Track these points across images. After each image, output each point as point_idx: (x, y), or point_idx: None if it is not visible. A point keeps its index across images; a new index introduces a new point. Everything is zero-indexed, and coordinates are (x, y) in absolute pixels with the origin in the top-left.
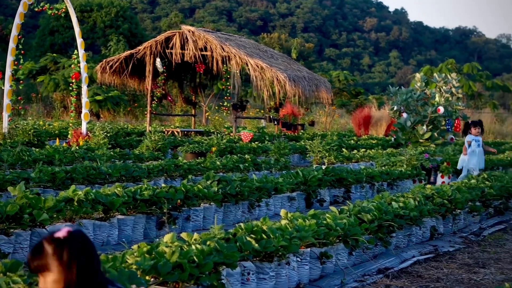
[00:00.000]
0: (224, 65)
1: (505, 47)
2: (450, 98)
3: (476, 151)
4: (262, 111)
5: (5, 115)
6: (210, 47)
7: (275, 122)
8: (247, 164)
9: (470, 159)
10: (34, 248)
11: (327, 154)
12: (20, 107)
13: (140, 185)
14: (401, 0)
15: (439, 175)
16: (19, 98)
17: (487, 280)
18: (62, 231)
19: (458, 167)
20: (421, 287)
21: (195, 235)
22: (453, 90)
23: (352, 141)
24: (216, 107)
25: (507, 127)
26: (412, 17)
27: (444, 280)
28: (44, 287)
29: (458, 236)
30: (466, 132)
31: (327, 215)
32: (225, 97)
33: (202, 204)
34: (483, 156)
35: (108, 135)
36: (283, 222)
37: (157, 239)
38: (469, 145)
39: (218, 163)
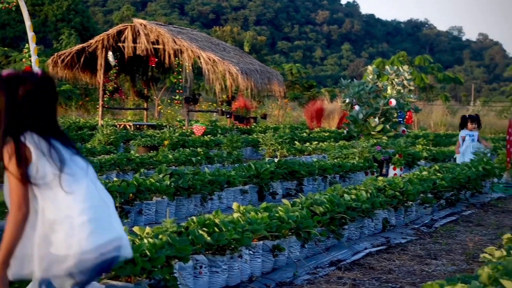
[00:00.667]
0: (176, 59)
1: (456, 39)
2: (402, 91)
3: (470, 147)
4: (215, 104)
5: None
6: (162, 41)
7: (228, 115)
8: (199, 158)
9: (466, 155)
10: None
11: (279, 147)
12: None
13: None
14: None
15: (391, 167)
16: None
17: (439, 271)
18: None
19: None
20: (373, 279)
21: (147, 229)
22: (405, 82)
23: (305, 134)
24: (169, 101)
25: (459, 119)
26: (364, 9)
27: (396, 272)
28: None
29: (410, 227)
30: (462, 126)
31: (279, 208)
32: (177, 91)
33: (154, 197)
34: (475, 147)
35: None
36: (236, 215)
37: None
38: (463, 141)
39: (170, 156)
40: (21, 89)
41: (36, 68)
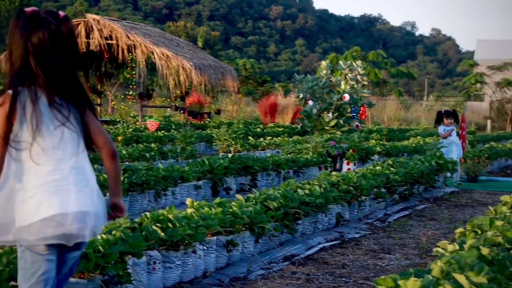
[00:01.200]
0: (130, 54)
1: (409, 34)
2: (355, 86)
3: (455, 142)
4: (168, 99)
5: None
6: (116, 36)
7: (182, 111)
8: (153, 153)
9: (452, 151)
10: None
11: (233, 142)
12: None
13: None
14: None
15: (345, 162)
16: None
17: (392, 265)
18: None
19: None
20: (327, 274)
21: None
22: (359, 77)
23: (259, 129)
24: (122, 96)
25: (412, 113)
26: (318, 5)
27: (350, 266)
28: None
29: (363, 222)
30: (438, 122)
31: (233, 203)
32: (131, 86)
33: (107, 193)
34: (459, 145)
35: None
36: (189, 210)
37: None
38: (445, 137)
39: (124, 152)
40: (40, 33)
41: None
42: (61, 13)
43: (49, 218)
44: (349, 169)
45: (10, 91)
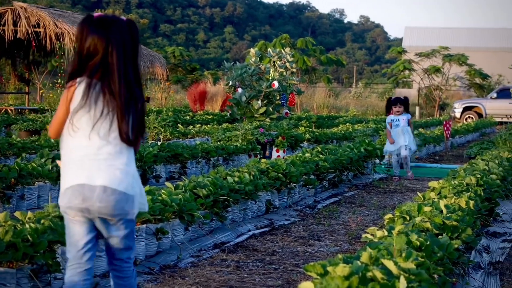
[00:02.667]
0: (58, 42)
1: (338, 21)
2: (284, 73)
3: (398, 134)
4: None
5: None
6: (43, 24)
7: None
8: None
9: (395, 140)
10: None
11: (162, 130)
12: None
13: None
14: None
15: (274, 149)
16: None
17: (322, 252)
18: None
19: (389, 149)
20: (257, 261)
21: (29, 214)
22: (288, 65)
23: (188, 117)
24: (51, 85)
25: (341, 101)
26: None
27: (280, 253)
28: None
29: (293, 209)
30: (388, 111)
31: (162, 191)
32: (60, 74)
33: (36, 182)
34: (410, 135)
35: None
36: None
37: None
38: (391, 127)
39: (52, 140)
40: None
41: None
42: (124, 18)
43: (75, 187)
44: (278, 156)
45: (79, 79)
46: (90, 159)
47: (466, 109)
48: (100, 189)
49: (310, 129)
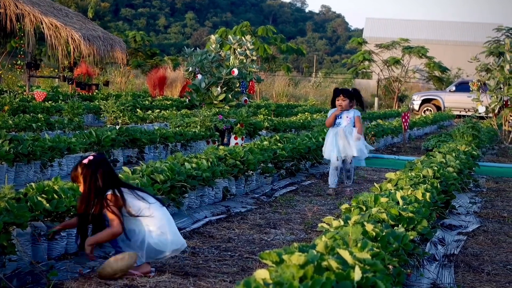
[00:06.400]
0: (18, 23)
1: (299, 10)
2: (244, 61)
3: (335, 137)
4: (57, 70)
5: None
6: (4, 4)
7: (70, 82)
8: (40, 124)
9: (332, 148)
10: (73, 167)
11: (121, 115)
12: None
13: None
14: None
15: (233, 136)
16: None
17: (278, 240)
18: (89, 157)
19: (325, 156)
20: (212, 247)
21: None
22: (248, 52)
23: (147, 102)
24: (10, 66)
25: (300, 90)
26: None
27: (236, 241)
28: (81, 190)
29: (250, 197)
30: (333, 104)
31: (120, 175)
32: (19, 56)
33: None
34: (353, 140)
35: None
36: None
37: None
38: (329, 124)
39: (10, 122)
40: (100, 168)
41: None
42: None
43: None
44: (236, 143)
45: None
46: None
47: (424, 101)
48: None
49: (269, 117)
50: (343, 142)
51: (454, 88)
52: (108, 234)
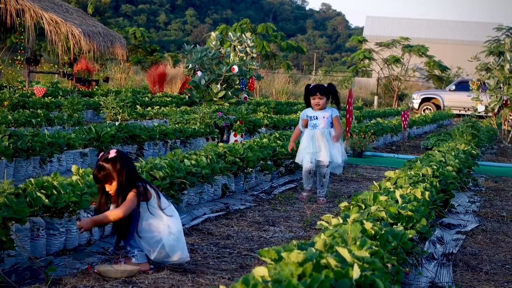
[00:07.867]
0: (18, 18)
1: (299, 8)
2: (244, 58)
3: (312, 141)
4: (56, 66)
5: None
6: None
7: (69, 78)
8: (39, 119)
9: (302, 144)
10: (97, 167)
11: (121, 111)
12: None
13: None
14: None
15: (232, 133)
16: None
17: (277, 238)
18: (112, 152)
19: (297, 160)
20: (211, 244)
21: None
22: (248, 49)
23: (147, 98)
24: (10, 61)
25: (300, 87)
26: None
27: (235, 238)
28: (109, 189)
29: (249, 194)
30: (307, 103)
31: None
32: (19, 51)
33: None
34: (332, 143)
35: None
36: (75, 178)
37: None
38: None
39: (10, 117)
40: (128, 158)
41: None
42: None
43: None
44: (236, 140)
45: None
46: None
47: (424, 100)
48: None
49: (269, 115)
50: (319, 145)
51: (454, 87)
52: (113, 214)
